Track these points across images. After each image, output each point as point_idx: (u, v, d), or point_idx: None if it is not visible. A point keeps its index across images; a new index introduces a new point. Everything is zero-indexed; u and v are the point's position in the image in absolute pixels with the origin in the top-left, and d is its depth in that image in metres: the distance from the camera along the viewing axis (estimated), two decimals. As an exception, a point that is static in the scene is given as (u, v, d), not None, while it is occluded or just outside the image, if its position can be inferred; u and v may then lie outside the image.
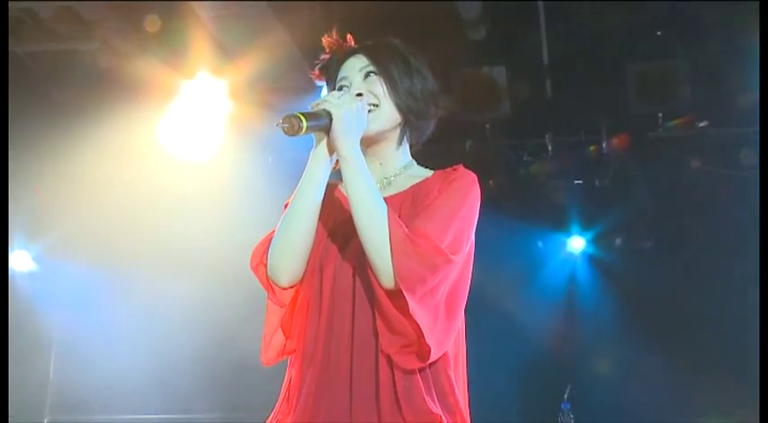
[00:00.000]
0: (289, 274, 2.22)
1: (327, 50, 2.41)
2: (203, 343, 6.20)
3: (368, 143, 2.30)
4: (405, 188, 2.30)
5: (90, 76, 5.83)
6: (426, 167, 2.38)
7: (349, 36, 2.41)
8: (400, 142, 2.36)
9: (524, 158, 6.17)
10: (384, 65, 2.32)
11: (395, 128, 2.34)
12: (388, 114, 2.31)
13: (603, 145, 5.93)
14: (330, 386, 2.15)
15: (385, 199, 2.22)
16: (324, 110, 2.15)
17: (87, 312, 6.44)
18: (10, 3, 5.14)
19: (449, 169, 2.31)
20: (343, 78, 2.35)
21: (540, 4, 5.38)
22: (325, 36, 2.40)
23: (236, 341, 5.41)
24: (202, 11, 5.29)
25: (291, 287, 2.25)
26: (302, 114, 2.12)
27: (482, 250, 2.31)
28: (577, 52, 5.60)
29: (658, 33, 5.60)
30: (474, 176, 2.29)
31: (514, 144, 6.15)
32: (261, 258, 2.26)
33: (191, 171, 6.06)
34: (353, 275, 2.20)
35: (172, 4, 5.28)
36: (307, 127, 2.12)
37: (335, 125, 2.15)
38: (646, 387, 5.86)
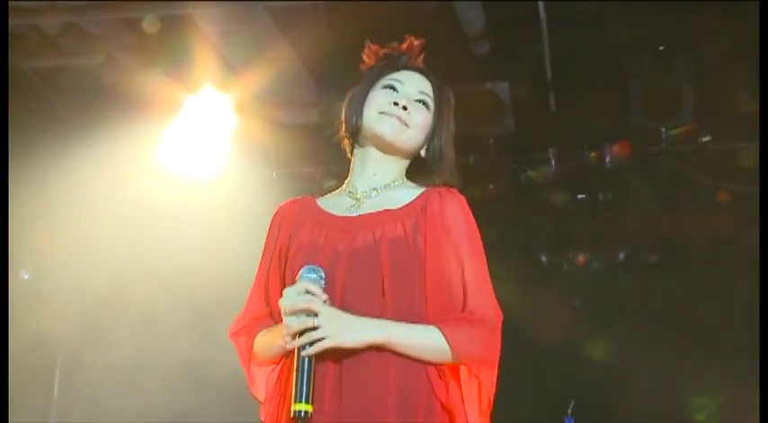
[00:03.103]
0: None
1: (405, 48, 2.44)
2: (207, 360, 6.18)
3: (380, 147, 2.35)
4: (400, 206, 2.29)
5: (95, 91, 5.85)
6: (410, 181, 2.41)
7: (422, 57, 2.45)
8: (403, 169, 2.39)
9: (527, 173, 6.18)
10: (440, 108, 2.37)
11: (406, 156, 2.37)
12: (411, 141, 2.34)
13: (607, 160, 5.94)
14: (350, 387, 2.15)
15: (375, 214, 2.26)
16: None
17: (90, 330, 6.43)
18: (16, 20, 5.17)
19: (444, 190, 2.32)
20: (399, 81, 2.38)
21: (544, 19, 5.40)
22: (411, 38, 2.45)
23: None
24: (207, 28, 5.32)
25: None
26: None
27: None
28: (580, 67, 5.62)
29: (661, 48, 5.62)
30: (464, 200, 2.32)
31: (518, 159, 6.16)
32: (242, 332, 2.38)
33: (194, 184, 6.06)
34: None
35: (176, 21, 5.30)
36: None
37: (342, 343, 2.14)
38: (650, 403, 5.84)
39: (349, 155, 2.44)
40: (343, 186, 2.41)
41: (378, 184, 2.34)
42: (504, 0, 5.29)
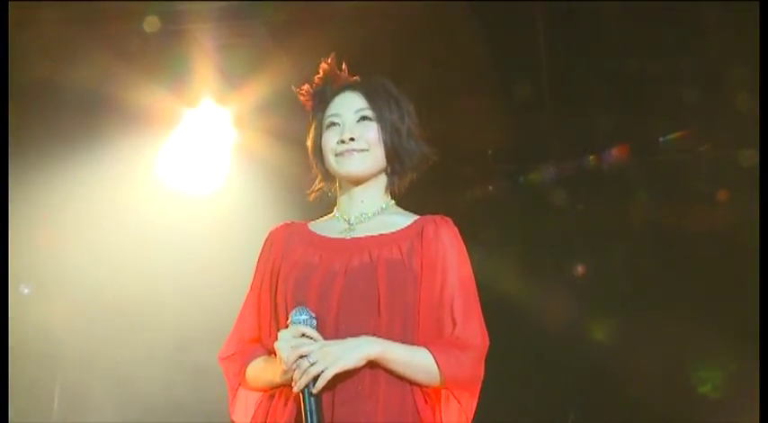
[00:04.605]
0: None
1: (322, 77, 2.44)
2: (206, 381, 6.16)
3: (354, 182, 2.36)
4: (395, 230, 2.32)
5: (93, 104, 5.84)
6: (403, 209, 2.43)
7: (344, 67, 2.44)
8: (384, 185, 2.41)
9: (526, 184, 6.18)
10: (380, 111, 2.35)
11: (381, 172, 2.37)
12: (377, 160, 2.35)
13: (606, 169, 5.95)
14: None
15: (370, 237, 2.28)
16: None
17: (88, 345, 6.42)
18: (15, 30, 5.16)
19: (439, 219, 2.34)
20: (335, 115, 2.38)
21: (541, 22, 5.40)
22: (323, 61, 2.44)
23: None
24: (206, 42, 5.33)
25: None
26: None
27: (485, 277, 2.34)
28: (579, 78, 5.63)
29: (660, 53, 5.62)
30: (457, 231, 2.35)
31: (516, 169, 6.17)
32: (234, 358, 2.39)
33: (194, 198, 6.06)
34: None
35: (175, 35, 5.30)
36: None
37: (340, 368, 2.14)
38: (651, 414, 5.84)
39: (335, 189, 2.47)
40: (333, 213, 2.44)
41: (368, 210, 2.38)
42: (499, 0, 5.28)
